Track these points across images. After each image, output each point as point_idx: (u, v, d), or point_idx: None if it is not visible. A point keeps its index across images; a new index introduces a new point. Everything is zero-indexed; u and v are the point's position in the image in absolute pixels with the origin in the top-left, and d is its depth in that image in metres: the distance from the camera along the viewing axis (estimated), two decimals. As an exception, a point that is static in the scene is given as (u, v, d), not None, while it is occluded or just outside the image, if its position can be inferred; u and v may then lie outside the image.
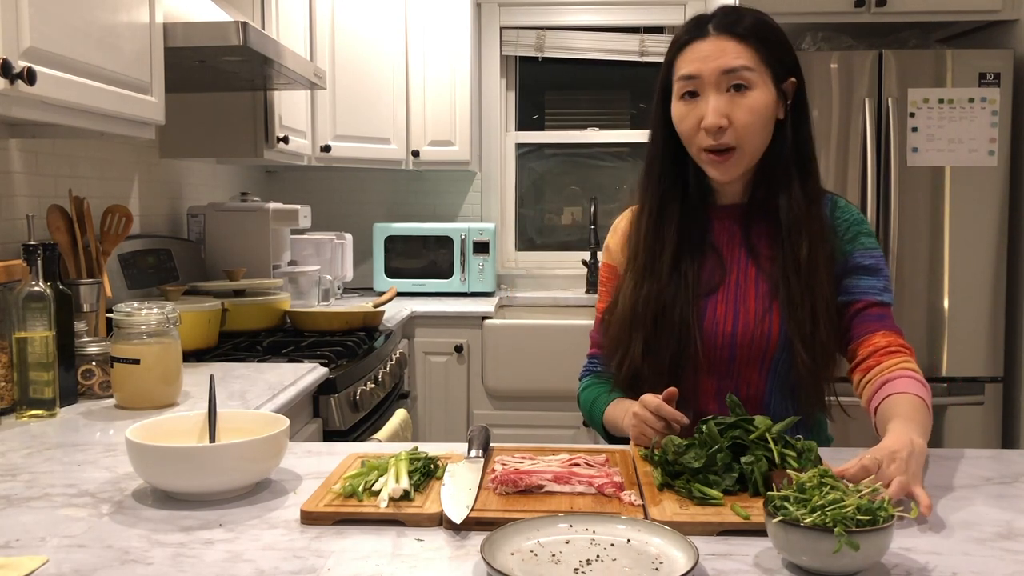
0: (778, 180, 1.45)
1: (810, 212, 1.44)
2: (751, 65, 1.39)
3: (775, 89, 1.42)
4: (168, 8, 2.10)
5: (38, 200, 2.23)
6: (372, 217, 4.15)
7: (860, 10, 3.18)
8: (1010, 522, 1.10)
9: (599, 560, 0.95)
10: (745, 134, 1.39)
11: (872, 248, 1.48)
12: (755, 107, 1.39)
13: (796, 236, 1.43)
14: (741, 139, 1.40)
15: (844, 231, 1.48)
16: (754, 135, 1.40)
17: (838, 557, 0.90)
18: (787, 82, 1.44)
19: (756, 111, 1.39)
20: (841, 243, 1.48)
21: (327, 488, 1.16)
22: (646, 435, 1.33)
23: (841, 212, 1.50)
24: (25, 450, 1.45)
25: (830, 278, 1.45)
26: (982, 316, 3.10)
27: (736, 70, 1.38)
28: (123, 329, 1.72)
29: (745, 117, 1.39)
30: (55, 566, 0.97)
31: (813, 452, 1.19)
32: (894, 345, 1.42)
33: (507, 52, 4.19)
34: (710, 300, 1.47)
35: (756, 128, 1.40)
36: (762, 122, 1.40)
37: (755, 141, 1.41)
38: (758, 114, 1.39)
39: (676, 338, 1.45)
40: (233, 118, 2.84)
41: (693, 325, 1.45)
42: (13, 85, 1.42)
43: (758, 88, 1.39)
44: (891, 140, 3.05)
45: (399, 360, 2.92)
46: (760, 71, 1.40)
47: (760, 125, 1.40)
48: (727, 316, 1.46)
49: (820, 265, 1.43)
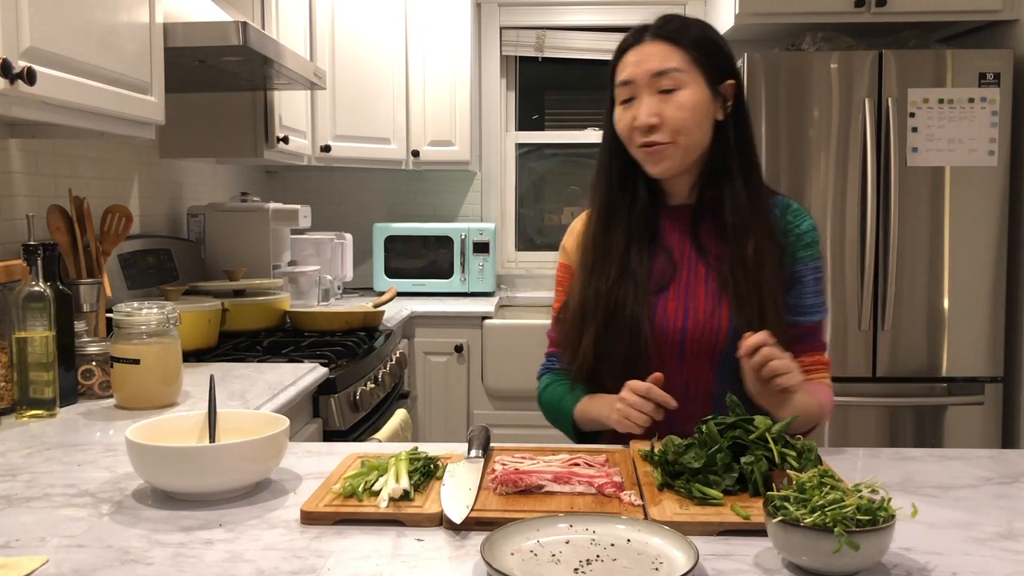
0: (722, 180, 1.50)
1: (755, 210, 1.49)
2: (680, 67, 1.44)
3: (709, 90, 1.46)
4: (168, 8, 2.10)
5: (38, 200, 2.23)
6: (372, 217, 4.15)
7: (860, 10, 3.18)
8: (1010, 522, 1.10)
9: (599, 560, 0.95)
10: (677, 129, 1.45)
11: (816, 259, 1.53)
12: (685, 104, 1.44)
13: (742, 234, 1.48)
14: (674, 134, 1.45)
15: (796, 238, 1.51)
16: (687, 131, 1.45)
17: (838, 557, 0.90)
18: (724, 84, 1.49)
19: (686, 108, 1.44)
20: (791, 248, 1.51)
21: (327, 488, 1.16)
22: (631, 418, 1.37)
23: (794, 217, 1.53)
24: (25, 450, 1.45)
25: (777, 274, 1.48)
26: (982, 316, 3.10)
27: (666, 72, 1.44)
28: (123, 329, 1.72)
29: (675, 113, 1.44)
30: (55, 566, 0.97)
31: (813, 452, 1.19)
32: (815, 364, 1.53)
33: (507, 52, 4.19)
34: (661, 297, 1.51)
35: (688, 124, 1.45)
36: (695, 119, 1.45)
37: (689, 137, 1.46)
38: (688, 110, 1.44)
39: (627, 334, 1.49)
40: (233, 118, 2.84)
41: (644, 321, 1.49)
42: (13, 85, 1.42)
43: (688, 88, 1.44)
44: (891, 140, 3.05)
45: (399, 360, 2.92)
46: (691, 72, 1.45)
47: (693, 122, 1.45)
48: (677, 312, 1.50)
49: (767, 261, 1.47)
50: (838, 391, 3.24)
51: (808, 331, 1.53)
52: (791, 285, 1.51)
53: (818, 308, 1.53)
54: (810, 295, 1.52)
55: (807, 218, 1.54)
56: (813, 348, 1.54)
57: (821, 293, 1.54)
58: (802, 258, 1.51)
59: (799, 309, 1.52)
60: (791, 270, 1.51)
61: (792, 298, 1.51)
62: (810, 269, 1.52)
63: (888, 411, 3.13)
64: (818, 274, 1.53)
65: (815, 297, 1.53)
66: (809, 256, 1.52)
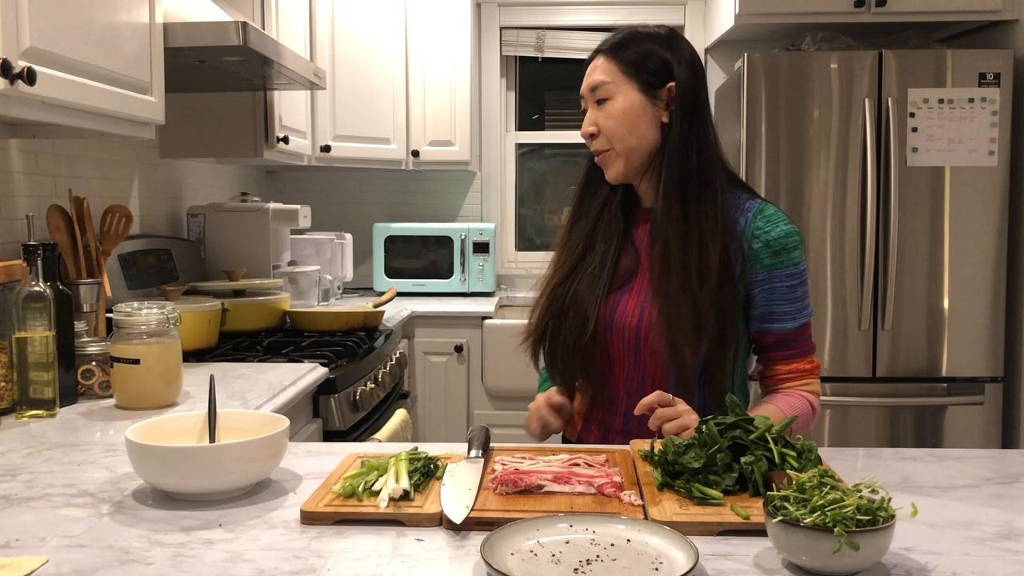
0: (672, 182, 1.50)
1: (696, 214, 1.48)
2: (609, 79, 1.52)
3: (642, 95, 1.51)
4: (168, 8, 2.10)
5: (38, 200, 2.23)
6: (372, 217, 4.15)
7: (860, 10, 3.18)
8: (1010, 522, 1.10)
9: (599, 560, 0.95)
10: (611, 136, 1.52)
11: (793, 264, 1.50)
12: (612, 112, 1.52)
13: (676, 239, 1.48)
14: (611, 141, 1.53)
15: (764, 244, 1.49)
16: (619, 137, 1.52)
17: (838, 557, 0.90)
18: (663, 88, 1.51)
19: (614, 116, 1.51)
20: (756, 256, 1.49)
21: (327, 488, 1.16)
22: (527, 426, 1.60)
23: (764, 223, 1.50)
24: (25, 450, 1.45)
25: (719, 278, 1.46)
26: (982, 316, 3.10)
27: (598, 85, 1.53)
28: (123, 329, 1.72)
29: (606, 122, 1.52)
30: (55, 566, 0.97)
31: (813, 452, 1.19)
32: (794, 372, 1.55)
33: (507, 52, 4.19)
34: (623, 295, 1.55)
35: (620, 131, 1.51)
36: (626, 125, 1.51)
37: (624, 142, 1.52)
38: (617, 118, 1.51)
39: (577, 327, 1.54)
40: (233, 118, 2.84)
41: (592, 316, 1.53)
42: (13, 85, 1.42)
43: (618, 97, 1.51)
44: (891, 140, 3.05)
45: (399, 360, 2.92)
46: (620, 81, 1.52)
47: (624, 128, 1.51)
48: (635, 311, 1.52)
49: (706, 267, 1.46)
50: (838, 391, 3.24)
51: (782, 338, 1.53)
52: (752, 293, 1.50)
53: (793, 315, 1.51)
54: (781, 302, 1.50)
55: (781, 224, 1.50)
56: (791, 356, 1.54)
57: (798, 299, 1.51)
58: (770, 265, 1.49)
59: (769, 316, 1.51)
60: (755, 277, 1.49)
61: (761, 305, 1.51)
62: (780, 276, 1.49)
63: (888, 411, 3.13)
64: (793, 280, 1.50)
65: (789, 304, 1.50)
66: (779, 263, 1.49)
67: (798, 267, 1.51)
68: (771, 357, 1.56)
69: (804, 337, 1.55)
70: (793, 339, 1.53)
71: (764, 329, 1.53)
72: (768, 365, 1.57)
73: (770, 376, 1.57)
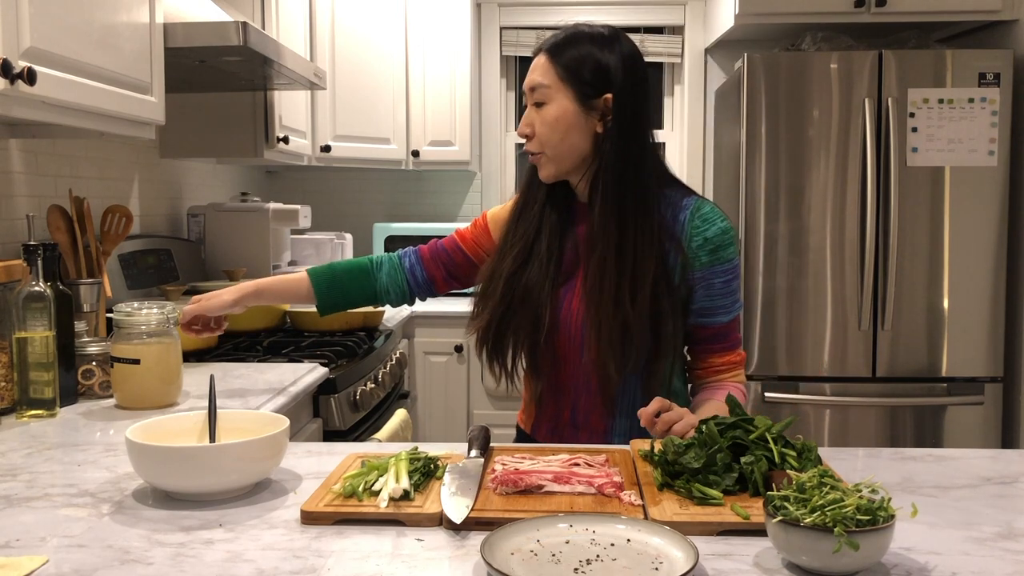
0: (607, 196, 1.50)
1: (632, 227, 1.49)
2: (547, 82, 1.51)
3: (577, 105, 1.50)
4: (168, 8, 2.10)
5: (38, 200, 2.23)
6: (372, 217, 4.15)
7: (860, 10, 3.18)
8: (1010, 522, 1.10)
9: (599, 560, 0.95)
10: (544, 141, 1.52)
11: (728, 260, 1.54)
12: (547, 119, 1.51)
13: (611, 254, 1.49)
14: (543, 146, 1.52)
15: (703, 242, 1.52)
16: (551, 144, 1.51)
17: (838, 557, 0.90)
18: (600, 99, 1.50)
19: (548, 123, 1.51)
20: (694, 254, 1.52)
21: (327, 488, 1.16)
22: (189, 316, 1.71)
23: (701, 222, 1.52)
24: (25, 450, 1.45)
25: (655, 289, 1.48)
26: (982, 316, 3.10)
27: (536, 87, 1.53)
28: (123, 329, 1.72)
29: (540, 128, 1.52)
30: (55, 566, 0.97)
31: (813, 452, 1.19)
32: (727, 364, 1.60)
33: (507, 52, 4.19)
34: (567, 292, 1.56)
35: (551, 138, 1.51)
36: (557, 133, 1.50)
37: (557, 148, 1.51)
38: (550, 125, 1.51)
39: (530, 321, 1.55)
40: (233, 118, 2.84)
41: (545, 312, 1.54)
42: (13, 85, 1.42)
43: (554, 102, 1.51)
44: (891, 140, 3.05)
45: (399, 360, 2.92)
46: (557, 87, 1.51)
47: (556, 136, 1.51)
48: (579, 310, 1.54)
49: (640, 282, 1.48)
50: (838, 391, 3.25)
51: (719, 331, 1.58)
52: (694, 289, 1.53)
53: (728, 308, 1.56)
54: (718, 297, 1.55)
55: (717, 222, 1.53)
56: (725, 348, 1.59)
57: (732, 293, 1.56)
58: (708, 263, 1.52)
59: (707, 311, 1.56)
60: (694, 275, 1.52)
61: (699, 301, 1.55)
62: (718, 272, 1.53)
63: (888, 411, 3.13)
64: (727, 276, 1.54)
65: (724, 298, 1.55)
66: (716, 260, 1.52)
67: (732, 263, 1.55)
68: (705, 350, 1.60)
69: (736, 330, 1.61)
70: (727, 332, 1.59)
71: (701, 323, 1.57)
72: (703, 358, 1.61)
73: (704, 368, 1.61)
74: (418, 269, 1.76)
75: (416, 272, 1.76)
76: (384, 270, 1.76)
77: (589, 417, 1.60)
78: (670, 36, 4.12)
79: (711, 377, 1.60)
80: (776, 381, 3.15)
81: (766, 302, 3.13)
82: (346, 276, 1.76)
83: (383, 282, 1.76)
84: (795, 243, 3.11)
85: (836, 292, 3.10)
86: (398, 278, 1.75)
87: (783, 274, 3.12)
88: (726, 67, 3.99)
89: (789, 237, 3.11)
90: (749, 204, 3.12)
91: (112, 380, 1.75)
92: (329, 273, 1.77)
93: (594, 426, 1.60)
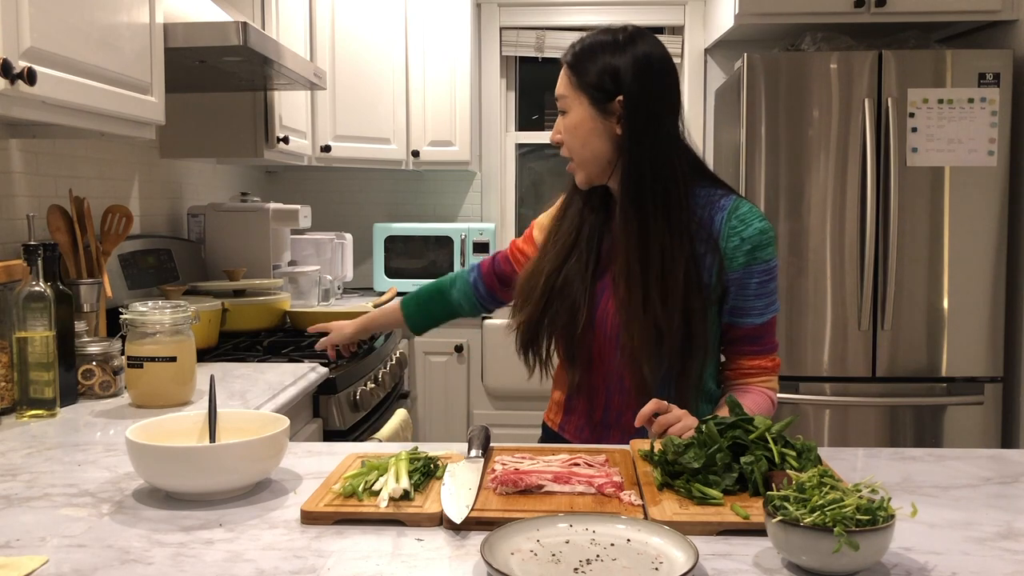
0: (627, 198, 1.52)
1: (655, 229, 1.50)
2: (566, 92, 1.56)
3: (593, 109, 1.53)
4: (168, 8, 2.10)
5: (38, 200, 2.23)
6: (372, 217, 4.15)
7: (860, 10, 3.18)
8: (1010, 522, 1.10)
9: (599, 560, 0.95)
10: (570, 148, 1.57)
11: (765, 261, 1.53)
12: (569, 126, 1.56)
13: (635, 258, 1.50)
14: (570, 152, 1.58)
15: (740, 242, 1.51)
16: (577, 149, 1.56)
17: (838, 557, 0.90)
18: (613, 102, 1.51)
19: (570, 130, 1.56)
20: (731, 254, 1.51)
21: (327, 488, 1.16)
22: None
23: (739, 222, 1.52)
24: (25, 450, 1.45)
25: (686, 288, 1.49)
26: (982, 316, 3.10)
27: (559, 97, 1.57)
28: (137, 328, 1.73)
29: (565, 135, 1.57)
30: (55, 566, 0.97)
31: (813, 452, 1.19)
32: (757, 368, 1.58)
33: (507, 52, 4.19)
34: (603, 289, 1.57)
35: (573, 144, 1.56)
36: (579, 139, 1.55)
37: (582, 153, 1.56)
38: (572, 132, 1.55)
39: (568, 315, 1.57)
40: (233, 118, 2.84)
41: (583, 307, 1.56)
42: (13, 85, 1.42)
43: (573, 110, 1.55)
44: (891, 140, 3.05)
45: (399, 360, 2.92)
46: (574, 95, 1.55)
47: (577, 142, 1.55)
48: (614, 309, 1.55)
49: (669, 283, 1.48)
50: (838, 391, 3.24)
51: (748, 333, 1.56)
52: (729, 289, 1.53)
53: (761, 311, 1.54)
54: (753, 298, 1.53)
55: (755, 222, 1.52)
56: (756, 352, 1.57)
57: (767, 295, 1.54)
58: (745, 263, 1.51)
59: (740, 311, 1.54)
60: (730, 276, 1.52)
61: (733, 300, 1.54)
62: (755, 273, 1.52)
63: (888, 411, 3.13)
64: (765, 277, 1.53)
65: (759, 300, 1.54)
66: (754, 260, 1.51)
67: (770, 264, 1.54)
68: (737, 351, 1.58)
69: (770, 334, 1.58)
70: (761, 335, 1.57)
71: (734, 323, 1.56)
72: (733, 359, 1.60)
73: (733, 370, 1.59)
74: (480, 283, 1.89)
75: (479, 286, 1.90)
76: (457, 286, 1.93)
77: (621, 417, 1.58)
78: (670, 36, 4.12)
79: (739, 380, 1.58)
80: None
81: (766, 302, 3.12)
82: (427, 298, 1.97)
83: (455, 298, 1.93)
84: (795, 243, 3.11)
85: (836, 292, 3.10)
86: (468, 292, 1.91)
87: (783, 274, 3.12)
88: (726, 67, 3.99)
89: (789, 237, 3.11)
90: (749, 204, 3.12)
91: (126, 379, 1.76)
92: (415, 298, 1.98)
93: (626, 426, 1.56)
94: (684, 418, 1.36)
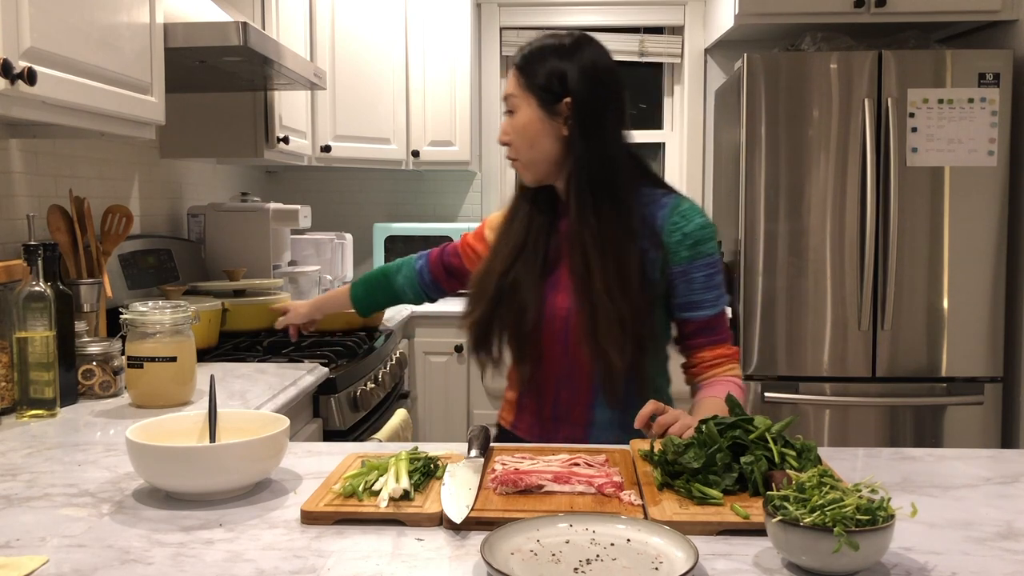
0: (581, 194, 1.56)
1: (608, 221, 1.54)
2: (515, 92, 1.60)
3: (542, 111, 1.57)
4: (168, 8, 2.10)
5: (38, 200, 2.23)
6: (372, 217, 4.15)
7: (860, 10, 3.18)
8: (1010, 522, 1.10)
9: (599, 560, 0.95)
10: (516, 148, 1.61)
11: (708, 255, 1.59)
12: (516, 127, 1.60)
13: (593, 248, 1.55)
14: (516, 152, 1.62)
15: (682, 237, 1.57)
16: (520, 150, 1.60)
17: (838, 557, 0.90)
18: (560, 103, 1.56)
19: (517, 130, 1.60)
20: (674, 248, 1.57)
21: (327, 488, 1.17)
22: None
23: (680, 218, 1.58)
24: (25, 450, 1.45)
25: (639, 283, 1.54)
26: (982, 316, 3.10)
27: (507, 97, 1.62)
28: (138, 328, 1.73)
29: (511, 135, 1.61)
30: (55, 566, 0.97)
31: (813, 452, 1.19)
32: (719, 357, 1.62)
33: (507, 52, 4.19)
34: (551, 287, 1.61)
35: (520, 144, 1.60)
36: (527, 139, 1.59)
37: (528, 153, 1.60)
38: (519, 132, 1.60)
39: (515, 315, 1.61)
40: (233, 118, 2.84)
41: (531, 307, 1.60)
42: (13, 85, 1.42)
43: (521, 111, 1.59)
44: (891, 140, 3.05)
45: (399, 360, 2.92)
46: (522, 96, 1.59)
47: (524, 142, 1.59)
48: (562, 305, 1.60)
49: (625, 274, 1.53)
50: (838, 391, 3.24)
51: (704, 325, 1.61)
52: (674, 284, 1.59)
53: (712, 302, 1.60)
54: (700, 291, 1.59)
55: (696, 217, 1.58)
56: (713, 342, 1.62)
57: (715, 287, 1.60)
58: (687, 257, 1.57)
59: (691, 305, 1.60)
60: (674, 269, 1.58)
61: (681, 296, 1.60)
62: (698, 267, 1.58)
63: (888, 411, 3.13)
64: (711, 270, 1.59)
65: (706, 292, 1.59)
66: (696, 255, 1.57)
67: (714, 257, 1.60)
68: (696, 344, 1.63)
69: (724, 324, 1.64)
70: (715, 325, 1.62)
71: (688, 317, 1.61)
72: (694, 353, 1.63)
73: (697, 365, 1.63)
74: (426, 270, 1.94)
75: (424, 273, 1.94)
76: (403, 272, 1.98)
77: (571, 410, 1.63)
78: (670, 36, 4.12)
79: (705, 373, 1.62)
80: (776, 381, 3.15)
81: (766, 302, 3.13)
82: (374, 282, 2.04)
83: (400, 283, 1.99)
84: (795, 243, 3.11)
85: (836, 292, 3.11)
86: (412, 278, 1.96)
87: (783, 274, 3.12)
88: (726, 67, 3.99)
89: (789, 237, 3.11)
90: (749, 204, 3.13)
91: (127, 379, 1.76)
92: (363, 282, 2.07)
93: (575, 419, 1.63)
94: (682, 418, 1.37)
